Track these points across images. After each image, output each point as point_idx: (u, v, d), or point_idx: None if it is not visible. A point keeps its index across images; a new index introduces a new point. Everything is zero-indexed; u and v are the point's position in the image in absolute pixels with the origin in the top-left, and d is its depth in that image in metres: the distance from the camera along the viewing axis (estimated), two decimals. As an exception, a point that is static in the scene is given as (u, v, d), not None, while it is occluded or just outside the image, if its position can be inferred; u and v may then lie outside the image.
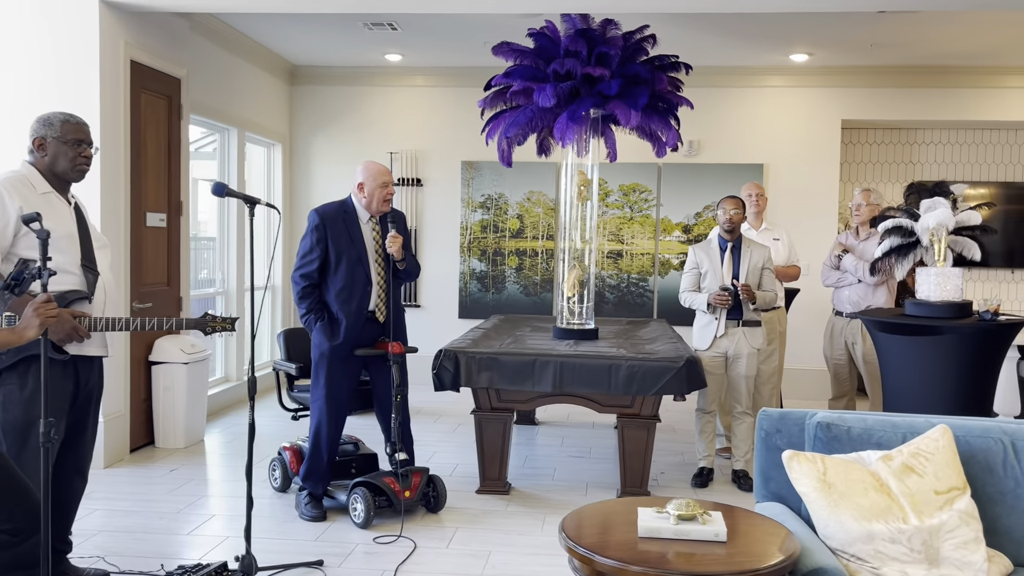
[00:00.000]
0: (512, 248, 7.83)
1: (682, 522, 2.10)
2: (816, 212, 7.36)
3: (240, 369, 7.03)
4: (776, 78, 7.43)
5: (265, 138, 7.46)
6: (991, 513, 2.36)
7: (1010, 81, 7.17)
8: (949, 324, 3.86)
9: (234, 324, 3.06)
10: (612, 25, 4.98)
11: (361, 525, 3.96)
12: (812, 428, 2.51)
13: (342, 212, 4.15)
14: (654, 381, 4.25)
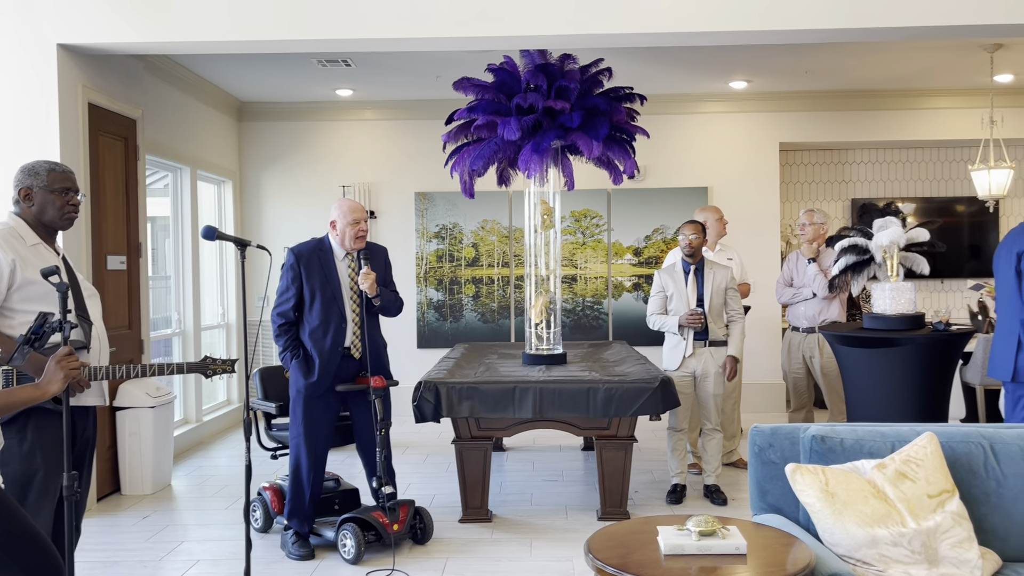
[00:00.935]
0: (468, 276, 7.91)
1: (703, 538, 2.21)
2: (759, 231, 7.65)
3: (200, 411, 6.91)
4: (717, 104, 7.74)
5: (215, 175, 7.39)
6: (977, 513, 2.53)
7: (932, 103, 7.62)
8: (906, 336, 4.10)
9: (234, 366, 3.06)
10: (570, 59, 5.14)
11: (352, 561, 3.96)
12: (807, 441, 2.66)
13: (318, 250, 4.18)
14: (631, 402, 4.38)
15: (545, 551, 4.11)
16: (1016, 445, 2.60)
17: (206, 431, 6.96)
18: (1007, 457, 2.58)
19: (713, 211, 5.66)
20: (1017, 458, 2.58)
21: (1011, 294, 3.64)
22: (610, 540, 2.33)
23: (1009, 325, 3.64)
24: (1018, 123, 7.52)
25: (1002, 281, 3.73)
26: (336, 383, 4.12)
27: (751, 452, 2.78)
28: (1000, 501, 2.54)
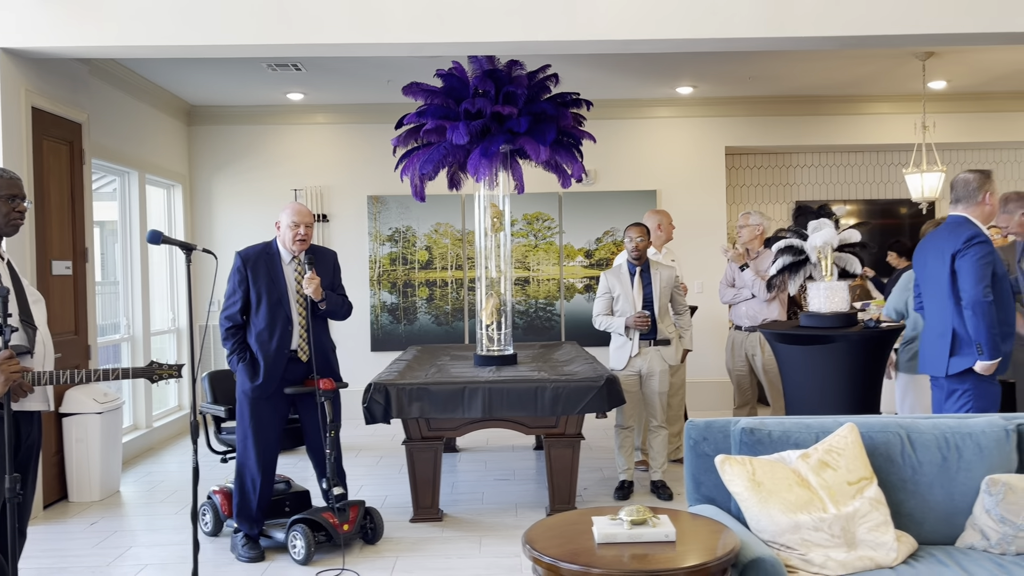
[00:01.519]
0: (422, 279, 7.96)
1: (635, 527, 2.31)
2: (706, 233, 7.83)
3: (149, 416, 6.85)
4: (664, 109, 7.91)
5: (165, 179, 7.34)
6: (895, 498, 2.68)
7: (870, 108, 7.88)
8: (839, 333, 4.27)
9: (180, 371, 3.09)
10: (517, 65, 5.24)
11: (302, 561, 3.99)
12: (737, 434, 2.78)
13: (265, 254, 4.21)
14: (578, 400, 4.48)
15: (494, 548, 4.19)
16: (931, 435, 2.75)
17: (156, 437, 6.91)
18: (923, 446, 2.73)
19: (663, 215, 5.79)
20: (932, 447, 2.72)
21: (942, 294, 3.80)
22: (547, 531, 2.42)
23: (941, 323, 3.79)
24: (949, 128, 7.82)
25: (931, 280, 3.88)
26: (284, 386, 4.16)
27: (687, 446, 2.89)
28: (916, 487, 2.69)
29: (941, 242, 3.86)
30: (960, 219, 3.85)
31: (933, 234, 4.00)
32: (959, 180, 3.91)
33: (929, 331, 3.91)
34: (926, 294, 3.98)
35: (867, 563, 2.44)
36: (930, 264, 3.91)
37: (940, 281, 3.81)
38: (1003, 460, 2.71)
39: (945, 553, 2.57)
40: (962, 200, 3.87)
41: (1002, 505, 2.56)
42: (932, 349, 3.84)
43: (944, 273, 3.76)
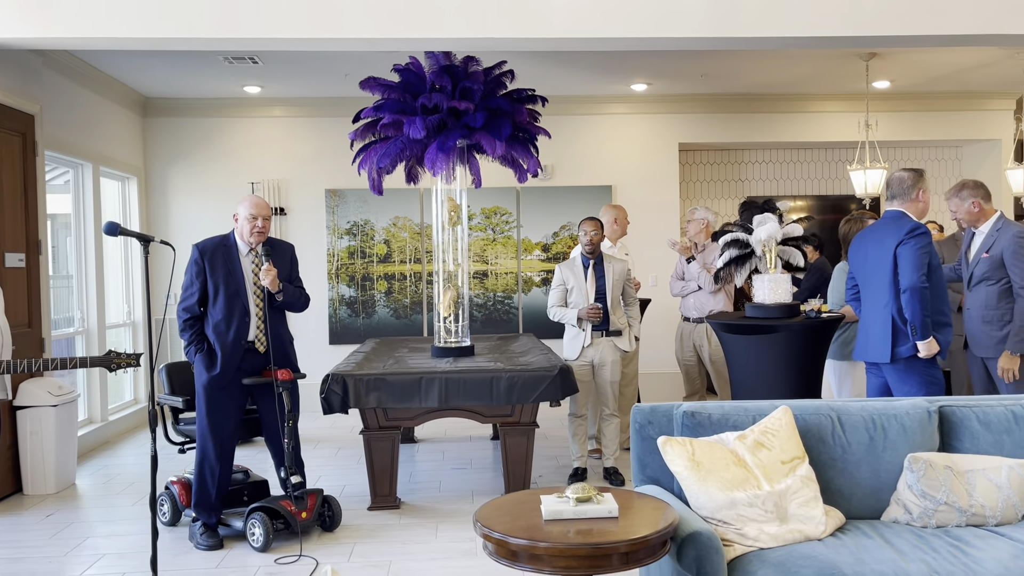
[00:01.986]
0: (380, 273, 8.02)
1: (580, 504, 2.43)
2: (659, 227, 8.00)
3: (105, 410, 6.82)
4: (619, 106, 8.06)
5: (119, 171, 7.30)
6: (825, 476, 2.84)
7: (817, 107, 8.12)
8: (782, 323, 4.44)
9: (139, 360, 3.13)
10: (473, 61, 5.33)
11: (260, 549, 4.05)
12: (679, 417, 2.92)
13: (222, 246, 4.25)
14: (532, 389, 4.60)
15: (451, 533, 4.30)
16: (860, 416, 2.92)
17: (112, 430, 6.88)
18: (852, 427, 2.89)
19: (618, 209, 5.94)
20: (860, 428, 2.89)
21: (883, 283, 3.98)
22: (497, 510, 2.53)
23: (883, 312, 3.97)
24: (892, 126, 8.10)
25: (872, 272, 4.06)
26: (241, 377, 4.21)
27: (632, 429, 3.02)
28: (845, 466, 2.85)
29: (882, 235, 4.05)
30: (898, 214, 4.06)
31: (872, 228, 4.20)
32: (895, 178, 4.12)
33: (871, 320, 4.09)
34: (865, 285, 4.18)
35: (797, 536, 2.60)
36: (871, 256, 4.09)
37: (881, 272, 4.00)
38: (925, 439, 2.89)
39: (870, 526, 2.74)
40: (898, 197, 4.08)
41: (923, 481, 2.74)
42: (875, 337, 4.03)
43: (886, 264, 3.95)
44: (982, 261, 4.31)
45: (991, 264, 4.26)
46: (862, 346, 4.16)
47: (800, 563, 2.42)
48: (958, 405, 2.99)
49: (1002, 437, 2.91)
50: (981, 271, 4.31)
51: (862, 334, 4.18)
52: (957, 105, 8.16)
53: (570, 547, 2.23)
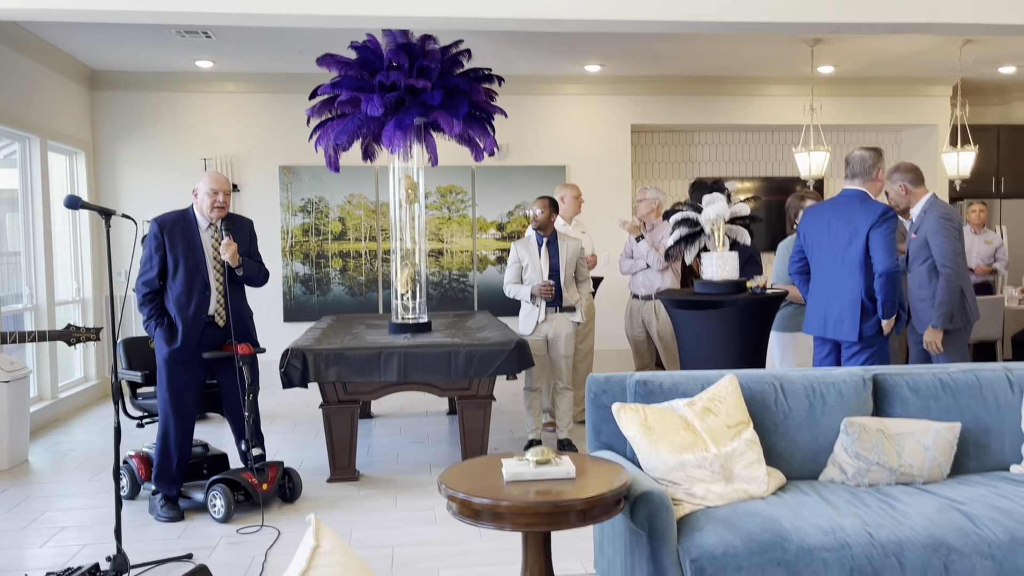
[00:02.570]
0: (336, 250, 8.04)
1: (540, 466, 2.56)
2: (612, 207, 8.17)
3: (55, 387, 6.75)
4: (574, 87, 8.17)
5: (67, 145, 7.17)
6: (768, 440, 3.02)
7: (767, 90, 8.34)
8: (729, 299, 4.63)
9: (99, 334, 3.16)
10: (430, 40, 5.38)
11: (222, 520, 4.11)
12: (632, 386, 3.06)
13: (182, 220, 4.27)
14: (489, 363, 4.72)
15: (409, 503, 4.41)
16: (800, 384, 3.10)
17: (62, 408, 6.81)
18: (793, 395, 3.07)
19: (572, 188, 6.06)
20: (801, 395, 3.07)
21: (852, 262, 4.06)
22: (460, 472, 2.64)
23: (851, 291, 4.07)
24: (835, 110, 8.36)
25: (834, 248, 4.13)
26: (202, 351, 4.24)
27: (588, 398, 3.16)
28: (786, 431, 3.03)
29: (850, 214, 4.10)
30: (860, 193, 4.17)
31: (833, 206, 4.20)
32: (856, 157, 4.21)
33: (834, 298, 4.14)
34: (823, 262, 4.21)
35: (742, 495, 2.77)
36: (835, 234, 4.13)
37: (851, 252, 4.07)
38: (860, 405, 3.08)
39: (809, 486, 2.92)
40: (859, 175, 4.19)
41: (857, 443, 2.93)
42: (843, 316, 4.10)
43: (858, 245, 4.04)
44: (912, 242, 4.52)
45: (919, 244, 4.46)
46: (819, 322, 4.21)
47: (744, 519, 2.59)
48: (890, 373, 3.19)
49: (930, 403, 3.12)
50: (913, 251, 4.52)
51: (819, 310, 4.22)
52: (897, 91, 8.46)
53: (530, 505, 2.36)
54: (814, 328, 4.30)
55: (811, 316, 4.32)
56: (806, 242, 4.38)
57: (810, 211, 4.39)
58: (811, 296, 4.37)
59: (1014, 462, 3.12)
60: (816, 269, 4.31)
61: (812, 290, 4.36)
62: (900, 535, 2.53)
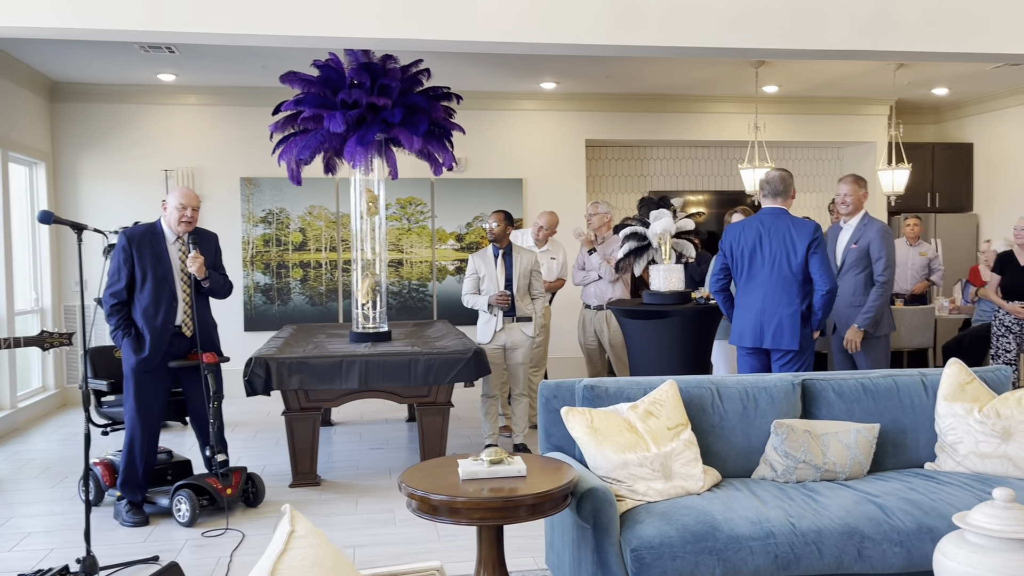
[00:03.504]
0: (296, 260, 8.16)
1: (493, 465, 2.76)
2: (566, 221, 8.39)
3: (14, 397, 6.77)
4: (530, 103, 8.42)
5: (27, 156, 7.21)
6: (705, 441, 3.26)
7: (715, 108, 8.68)
8: (675, 308, 4.90)
9: (71, 339, 3.29)
10: (391, 59, 5.58)
11: (186, 524, 4.24)
12: (580, 391, 3.29)
13: (150, 233, 4.40)
14: (447, 371, 4.91)
15: (370, 506, 4.58)
16: (736, 389, 3.35)
17: (21, 418, 6.84)
18: (729, 399, 3.33)
19: (551, 216, 6.34)
20: (736, 399, 3.33)
21: (789, 276, 4.27)
22: (420, 472, 2.84)
23: (791, 304, 4.28)
24: (778, 128, 8.74)
25: (771, 266, 4.30)
26: (168, 360, 4.37)
27: (540, 403, 3.37)
28: (722, 432, 3.28)
29: (782, 230, 4.30)
30: (781, 210, 4.44)
31: (761, 223, 4.39)
32: (775, 177, 4.49)
33: (774, 310, 4.30)
34: (756, 275, 4.35)
35: (680, 491, 3.00)
36: (769, 249, 4.31)
37: (786, 265, 4.27)
38: (790, 408, 3.35)
39: (742, 483, 3.17)
40: (780, 194, 4.46)
41: (786, 443, 3.19)
42: (783, 328, 4.27)
43: (795, 259, 4.25)
44: (852, 251, 4.84)
45: (859, 254, 4.80)
46: (755, 334, 4.34)
47: (680, 512, 2.82)
48: (817, 379, 3.46)
49: (853, 405, 3.40)
50: (851, 260, 4.84)
51: (753, 322, 4.33)
52: (838, 109, 8.87)
53: (484, 501, 2.56)
54: (748, 339, 4.37)
55: (744, 328, 4.38)
56: (733, 257, 4.44)
57: (735, 228, 4.46)
58: (743, 309, 4.41)
59: (928, 460, 3.41)
60: (748, 283, 4.38)
61: (744, 303, 4.41)
62: (819, 525, 2.79)
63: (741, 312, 4.45)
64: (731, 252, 4.46)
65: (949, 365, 3.47)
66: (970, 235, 9.32)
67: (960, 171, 9.36)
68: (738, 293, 4.47)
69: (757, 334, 4.37)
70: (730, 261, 4.47)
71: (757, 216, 4.49)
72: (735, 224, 4.51)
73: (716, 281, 4.56)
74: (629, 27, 5.29)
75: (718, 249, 4.55)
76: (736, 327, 4.45)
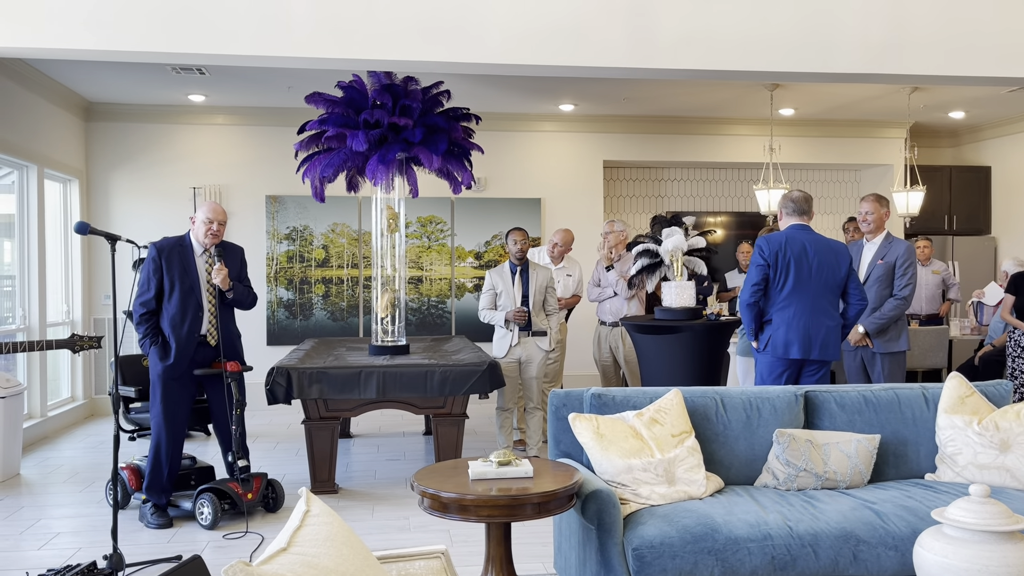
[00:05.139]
0: (318, 276, 8.35)
1: (501, 466, 2.88)
2: (585, 239, 8.53)
3: (45, 405, 6.98)
4: (549, 124, 8.59)
5: (62, 173, 7.47)
6: (708, 448, 3.36)
7: (730, 130, 8.81)
8: (687, 324, 5.00)
9: (100, 342, 3.46)
10: (412, 81, 5.77)
11: (208, 526, 4.39)
12: (588, 399, 3.40)
13: (179, 245, 4.59)
14: (463, 383, 5.04)
15: (385, 513, 4.70)
16: (739, 399, 3.45)
17: (51, 426, 7.04)
18: (732, 408, 3.43)
19: (566, 233, 6.50)
20: (739, 409, 3.43)
21: (835, 293, 4.43)
22: (432, 473, 2.96)
23: (834, 316, 4.44)
24: (794, 150, 8.84)
25: (820, 279, 4.37)
26: (193, 368, 4.54)
27: (549, 411, 3.49)
28: (726, 440, 3.38)
29: (824, 245, 4.40)
30: (808, 227, 4.52)
31: (802, 235, 4.41)
32: (799, 196, 4.54)
33: (820, 321, 4.33)
34: (805, 289, 4.33)
35: (682, 495, 3.10)
36: (817, 261, 4.35)
37: (834, 282, 4.39)
38: (792, 418, 3.44)
39: (744, 489, 3.27)
40: (805, 212, 4.53)
41: (787, 452, 3.28)
42: (828, 337, 4.34)
43: (840, 277, 4.39)
44: (878, 266, 4.96)
45: (885, 269, 4.93)
46: (803, 344, 4.32)
47: (682, 515, 2.92)
48: (820, 391, 3.56)
49: (854, 417, 3.48)
50: (877, 275, 4.95)
51: (802, 333, 4.30)
52: (854, 132, 8.96)
53: (492, 498, 2.68)
54: (795, 350, 4.32)
55: (791, 338, 4.33)
56: (777, 267, 4.36)
57: (777, 238, 4.41)
58: (787, 320, 4.35)
59: (929, 471, 3.48)
60: (792, 293, 4.34)
61: (787, 315, 4.35)
62: (816, 528, 2.87)
63: (785, 323, 4.37)
64: (776, 262, 4.37)
65: (950, 379, 3.55)
66: (988, 258, 9.33)
67: (977, 194, 9.40)
68: (778, 304, 4.40)
69: (806, 345, 4.35)
70: (773, 271, 4.38)
71: (793, 230, 4.45)
72: (776, 235, 4.46)
73: (754, 292, 4.43)
74: (645, 51, 5.44)
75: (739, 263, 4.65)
76: (780, 338, 4.37)
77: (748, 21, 5.41)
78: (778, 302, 4.41)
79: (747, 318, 4.49)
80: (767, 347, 4.44)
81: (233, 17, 5.08)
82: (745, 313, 4.49)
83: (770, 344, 4.43)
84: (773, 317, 4.43)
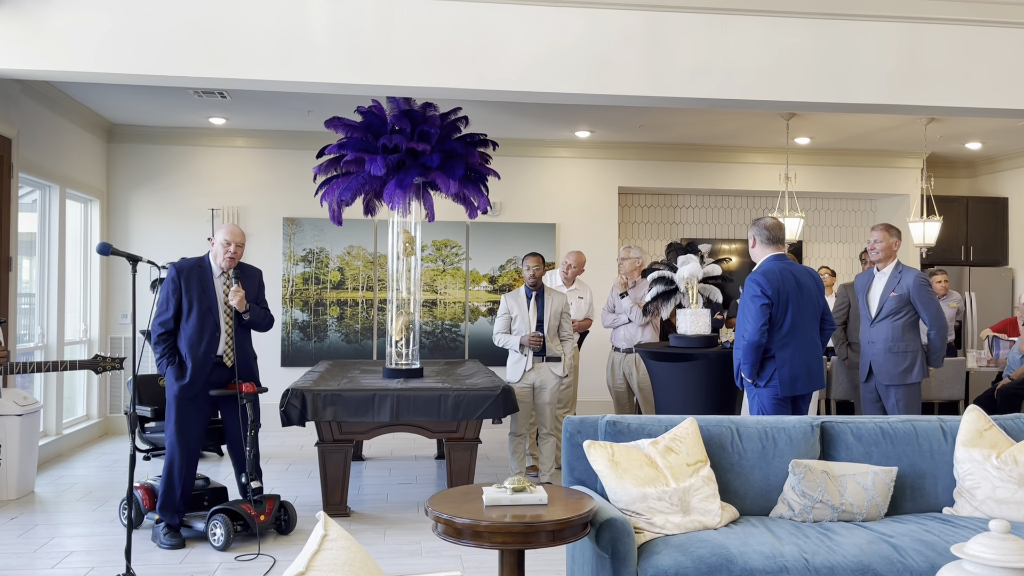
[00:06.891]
0: (334, 299, 8.40)
1: (516, 493, 2.88)
2: (599, 265, 8.57)
3: (60, 423, 7.02)
4: (564, 150, 8.65)
5: (83, 194, 7.57)
6: (724, 478, 3.34)
7: (746, 158, 8.83)
8: (701, 352, 4.99)
9: (122, 363, 3.49)
10: (431, 107, 5.83)
11: (221, 548, 4.39)
12: (603, 426, 3.40)
13: (197, 267, 4.64)
14: (476, 407, 5.04)
15: (397, 537, 4.69)
16: (755, 429, 3.44)
17: (65, 444, 7.08)
18: (748, 438, 3.41)
19: (579, 255, 6.52)
20: (755, 438, 3.41)
21: (816, 323, 4.46)
22: (446, 498, 2.96)
23: (818, 347, 4.46)
24: (810, 179, 8.85)
25: (806, 311, 4.38)
26: (209, 388, 4.57)
27: (564, 438, 3.48)
28: (741, 470, 3.36)
29: (806, 275, 4.43)
30: (785, 256, 4.50)
31: (790, 268, 4.40)
32: (773, 224, 4.45)
33: (813, 354, 4.34)
34: (798, 320, 4.30)
35: (697, 525, 3.08)
36: (806, 294, 4.36)
37: (815, 313, 4.42)
38: (808, 449, 3.42)
39: (759, 520, 3.24)
40: (780, 241, 4.46)
41: (803, 483, 3.26)
42: (817, 369, 4.36)
43: (820, 302, 4.45)
44: (891, 299, 4.94)
45: (899, 302, 4.91)
46: (807, 379, 4.29)
47: (696, 545, 2.91)
48: (836, 421, 3.54)
49: (871, 448, 3.46)
50: (890, 307, 4.94)
51: (801, 367, 4.28)
52: (870, 162, 8.96)
53: (506, 525, 2.68)
54: (801, 386, 4.28)
55: (797, 374, 4.28)
56: (779, 303, 4.30)
57: (774, 274, 4.33)
58: (790, 356, 4.29)
59: (947, 505, 3.45)
60: (792, 329, 4.30)
61: (789, 351, 4.29)
62: (832, 561, 2.85)
63: (788, 360, 4.30)
64: (778, 298, 4.31)
65: (968, 412, 3.52)
66: (1005, 289, 9.27)
67: (995, 225, 9.36)
68: (778, 341, 4.31)
69: (807, 380, 4.32)
70: (776, 309, 4.30)
71: (778, 262, 4.40)
72: (770, 271, 4.35)
73: (763, 333, 4.28)
74: (663, 79, 5.48)
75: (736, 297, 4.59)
76: (786, 376, 4.29)
77: (765, 51, 5.44)
78: (779, 339, 4.32)
79: (752, 358, 4.31)
80: (769, 384, 4.32)
81: (256, 42, 5.17)
82: (750, 354, 4.30)
83: (776, 381, 4.31)
84: (776, 354, 4.32)
